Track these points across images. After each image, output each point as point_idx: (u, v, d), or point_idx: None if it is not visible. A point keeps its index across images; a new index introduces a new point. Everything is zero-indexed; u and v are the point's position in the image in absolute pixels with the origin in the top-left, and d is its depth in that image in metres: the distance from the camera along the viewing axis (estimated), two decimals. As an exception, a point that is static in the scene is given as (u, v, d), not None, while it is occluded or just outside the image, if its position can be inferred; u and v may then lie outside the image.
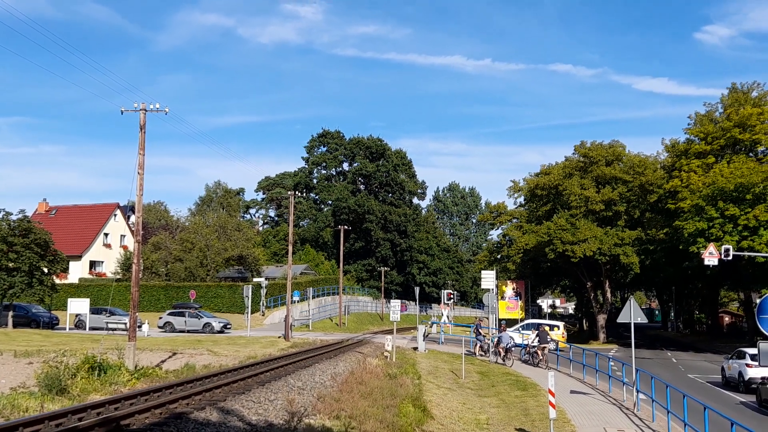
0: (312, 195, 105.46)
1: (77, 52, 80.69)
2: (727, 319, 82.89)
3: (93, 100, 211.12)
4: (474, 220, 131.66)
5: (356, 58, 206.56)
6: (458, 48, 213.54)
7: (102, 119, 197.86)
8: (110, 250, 74.76)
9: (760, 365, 22.67)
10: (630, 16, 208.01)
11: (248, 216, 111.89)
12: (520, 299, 61.23)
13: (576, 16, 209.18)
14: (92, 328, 46.87)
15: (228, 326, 49.23)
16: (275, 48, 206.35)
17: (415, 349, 38.80)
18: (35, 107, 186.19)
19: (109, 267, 72.82)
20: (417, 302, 58.91)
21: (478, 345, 38.48)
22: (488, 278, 45.31)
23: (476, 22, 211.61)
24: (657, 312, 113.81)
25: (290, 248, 49.18)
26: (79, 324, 48.90)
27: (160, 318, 50.11)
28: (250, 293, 47.93)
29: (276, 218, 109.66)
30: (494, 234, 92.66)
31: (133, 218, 68.05)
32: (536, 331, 35.94)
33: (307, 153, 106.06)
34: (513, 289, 61.12)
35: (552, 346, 35.31)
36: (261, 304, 58.84)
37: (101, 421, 13.91)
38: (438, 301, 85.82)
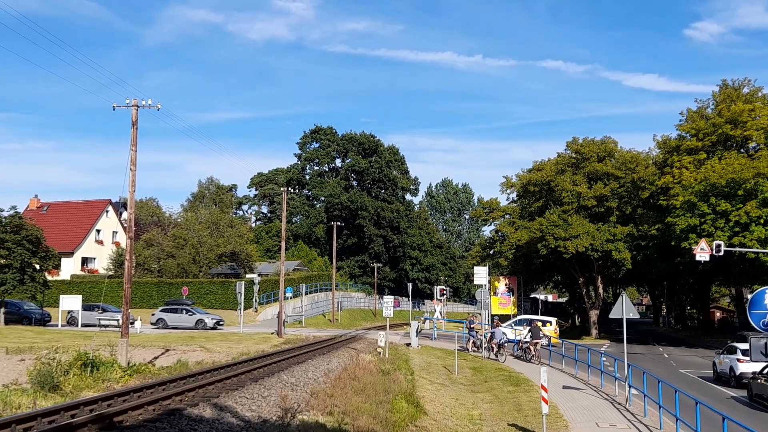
0: (304, 191, 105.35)
1: (65, 46, 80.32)
2: (718, 314, 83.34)
3: (81, 96, 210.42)
4: (467, 216, 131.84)
5: (347, 54, 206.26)
6: (449, 44, 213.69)
7: (91, 115, 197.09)
8: (102, 246, 74.58)
9: (751, 360, 22.86)
10: (619, 13, 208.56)
11: (241, 212, 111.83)
12: (513, 295, 61.36)
13: (566, 13, 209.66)
14: (84, 325, 46.73)
15: (221, 323, 49.18)
16: (265, 44, 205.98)
17: (408, 345, 38.85)
18: (22, 103, 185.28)
19: (101, 263, 72.66)
20: (410, 298, 59.13)
21: (471, 341, 38.56)
22: (481, 274, 45.41)
23: (467, 19, 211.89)
24: (647, 309, 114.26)
25: (283, 244, 49.16)
26: (71, 321, 48.75)
27: (153, 314, 49.99)
28: (243, 289, 47.91)
29: (268, 214, 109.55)
30: (487, 230, 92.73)
31: (125, 215, 67.83)
32: (528, 327, 36.06)
33: (300, 149, 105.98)
34: (506, 284, 61.24)
35: (544, 341, 35.42)
36: (254, 300, 58.82)
37: (94, 418, 13.88)
38: (431, 296, 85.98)
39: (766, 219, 44.08)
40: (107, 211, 76.30)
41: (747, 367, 26.78)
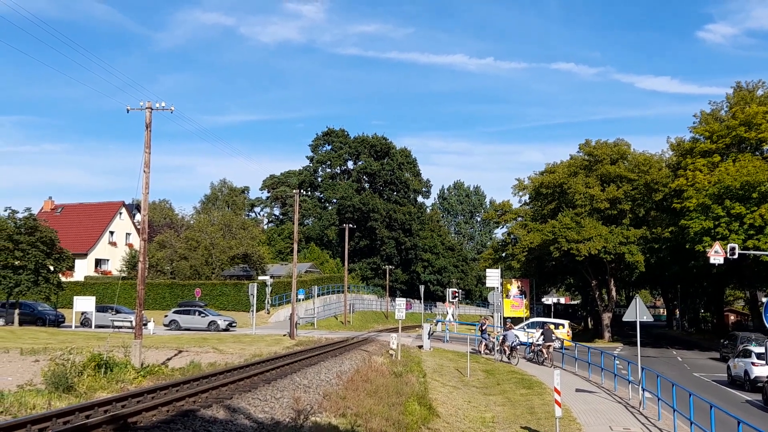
0: (317, 193, 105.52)
1: (79, 49, 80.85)
2: (732, 317, 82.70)
3: (95, 99, 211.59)
4: (479, 219, 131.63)
5: (358, 57, 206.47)
6: (460, 47, 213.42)
7: (104, 118, 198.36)
8: (116, 248, 74.97)
9: (766, 364, 22.70)
10: (631, 15, 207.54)
11: (253, 214, 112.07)
12: (525, 298, 61.24)
13: (577, 15, 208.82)
14: (98, 326, 47.00)
15: (233, 324, 49.31)
16: (277, 47, 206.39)
17: (420, 347, 38.83)
18: (36, 106, 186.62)
19: (115, 265, 73.03)
20: (422, 300, 59.08)
21: (483, 343, 38.49)
22: (493, 277, 45.38)
23: (478, 21, 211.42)
24: (662, 311, 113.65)
25: (295, 246, 49.25)
26: (84, 322, 49.05)
27: (166, 316, 50.21)
28: (255, 291, 48.03)
29: (281, 216, 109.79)
30: (499, 232, 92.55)
31: (138, 216, 68.28)
32: (541, 330, 35.95)
33: (312, 151, 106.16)
34: (518, 287, 61.18)
35: (557, 344, 35.30)
36: (266, 302, 58.96)
37: (109, 419, 13.94)
38: (443, 299, 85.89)
39: (781, 222, 43.77)
40: (121, 213, 76.70)
41: (762, 370, 26.63)
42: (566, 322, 47.96)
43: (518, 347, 35.06)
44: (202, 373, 23.50)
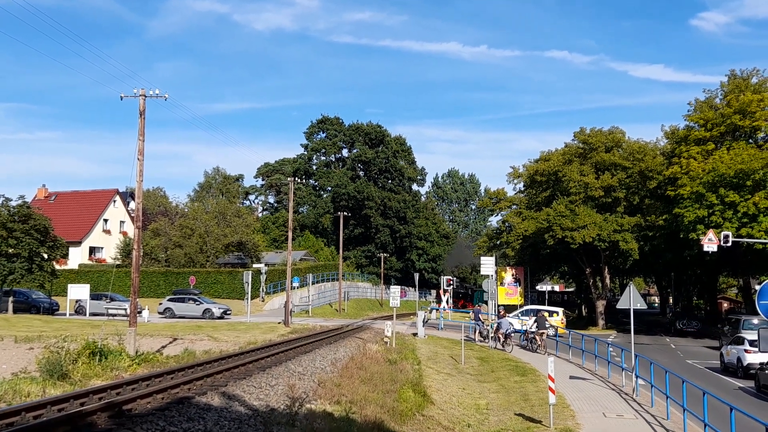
0: (311, 181, 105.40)
1: (74, 37, 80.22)
2: (725, 305, 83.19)
3: (90, 87, 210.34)
4: (473, 207, 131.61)
5: (352, 45, 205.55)
6: (454, 35, 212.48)
7: (99, 105, 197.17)
8: (110, 236, 74.84)
9: (760, 351, 22.82)
10: (625, 3, 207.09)
11: (247, 202, 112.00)
12: (520, 285, 61.36)
13: (571, 3, 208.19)
14: (92, 314, 46.96)
15: (228, 312, 49.34)
16: (271, 34, 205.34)
17: (415, 335, 38.93)
18: (31, 94, 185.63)
19: (109, 253, 72.93)
20: (416, 288, 59.13)
21: (478, 331, 38.61)
22: (488, 264, 45.36)
23: (472, 9, 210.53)
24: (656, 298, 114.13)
25: (290, 234, 49.23)
26: (79, 310, 49.00)
27: (160, 304, 50.20)
28: (250, 279, 48.01)
29: (275, 204, 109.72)
30: (494, 220, 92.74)
31: (132, 204, 68.07)
32: (534, 317, 36.05)
33: (307, 139, 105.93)
34: (512, 275, 61.28)
35: (551, 331, 35.42)
36: (261, 290, 58.98)
37: (103, 406, 13.94)
38: (437, 286, 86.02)
39: (775, 210, 43.91)
40: (114, 201, 76.55)
41: (755, 357, 26.80)
42: (560, 310, 48.09)
43: (512, 335, 35.17)
44: (196, 360, 23.52)
